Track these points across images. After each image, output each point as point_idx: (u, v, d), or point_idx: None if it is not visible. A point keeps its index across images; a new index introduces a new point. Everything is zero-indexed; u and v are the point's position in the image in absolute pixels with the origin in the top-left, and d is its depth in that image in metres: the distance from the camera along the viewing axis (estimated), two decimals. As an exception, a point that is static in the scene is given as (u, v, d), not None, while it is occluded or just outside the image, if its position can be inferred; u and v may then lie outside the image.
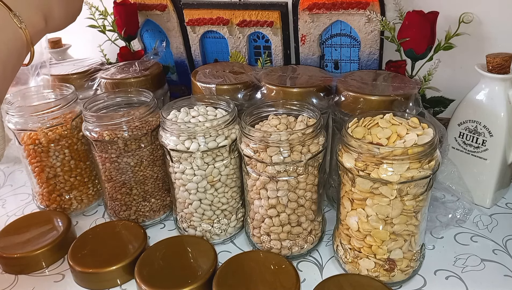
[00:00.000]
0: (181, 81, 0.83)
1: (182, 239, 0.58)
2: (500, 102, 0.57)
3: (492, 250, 0.55)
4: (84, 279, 0.53)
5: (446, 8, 0.61)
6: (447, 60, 0.65)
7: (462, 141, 0.62)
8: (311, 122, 0.52)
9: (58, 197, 0.66)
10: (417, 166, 0.43)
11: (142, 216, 0.63)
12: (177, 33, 0.76)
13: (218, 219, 0.58)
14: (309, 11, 0.64)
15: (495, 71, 0.56)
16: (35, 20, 0.44)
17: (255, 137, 0.49)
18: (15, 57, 0.43)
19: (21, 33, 0.42)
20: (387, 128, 0.47)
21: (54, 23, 0.48)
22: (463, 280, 0.51)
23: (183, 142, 0.52)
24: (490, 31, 0.62)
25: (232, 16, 0.70)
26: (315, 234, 0.56)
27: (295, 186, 0.51)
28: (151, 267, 0.51)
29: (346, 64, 0.69)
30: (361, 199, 0.47)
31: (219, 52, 0.76)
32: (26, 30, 0.43)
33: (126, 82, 0.68)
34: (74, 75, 0.72)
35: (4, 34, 0.41)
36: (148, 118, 0.58)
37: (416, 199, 0.46)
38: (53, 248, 0.57)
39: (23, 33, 0.43)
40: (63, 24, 0.50)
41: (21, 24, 0.42)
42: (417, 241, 0.50)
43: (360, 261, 0.50)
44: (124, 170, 0.60)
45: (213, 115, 0.56)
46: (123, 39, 0.79)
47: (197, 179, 0.54)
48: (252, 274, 0.50)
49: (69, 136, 0.64)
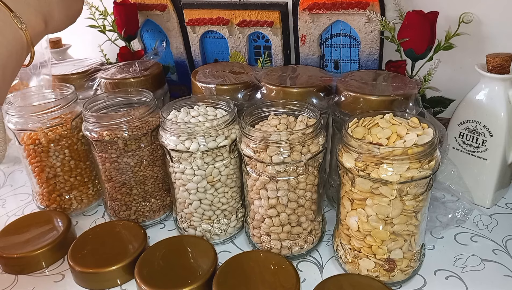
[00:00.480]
0: (181, 81, 0.83)
1: (182, 239, 0.58)
2: (500, 102, 0.57)
3: (492, 250, 0.55)
4: (84, 279, 0.53)
5: (446, 8, 0.61)
6: (447, 60, 0.65)
7: (462, 141, 0.62)
8: (311, 122, 0.52)
9: (58, 197, 0.66)
10: (417, 166, 0.43)
11: (142, 216, 0.63)
12: (177, 33, 0.76)
13: (218, 219, 0.58)
14: (309, 11, 0.64)
15: (495, 71, 0.56)
16: (35, 21, 0.44)
17: (255, 137, 0.49)
18: (15, 59, 0.43)
19: (21, 35, 0.42)
20: (387, 128, 0.47)
21: (54, 24, 0.48)
22: (463, 280, 0.51)
23: (183, 142, 0.52)
24: (490, 31, 0.62)
25: (232, 16, 0.70)
26: (315, 234, 0.56)
27: (295, 186, 0.51)
28: (151, 267, 0.51)
29: (346, 64, 0.69)
30: (361, 199, 0.47)
31: (219, 52, 0.76)
32: (26, 32, 0.42)
33: (126, 82, 0.68)
34: (74, 75, 0.72)
35: (4, 36, 0.41)
36: (148, 118, 0.58)
37: (416, 199, 0.46)
38: (53, 248, 0.57)
39: (24, 34, 0.42)
40: (63, 26, 0.50)
41: (21, 25, 0.42)
42: (417, 241, 0.50)
43: (360, 261, 0.50)
44: (124, 170, 0.60)
45: (213, 115, 0.56)
46: (123, 39, 0.79)
47: (197, 179, 0.54)
48: (252, 274, 0.50)
49: (69, 136, 0.64)
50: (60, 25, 0.49)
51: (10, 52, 0.41)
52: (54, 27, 0.48)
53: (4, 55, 0.41)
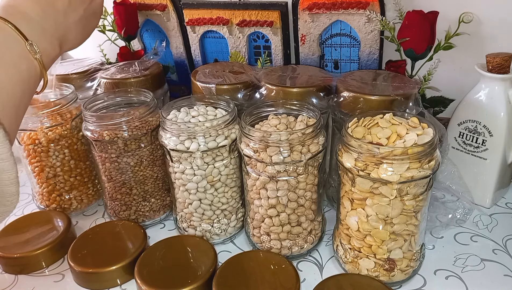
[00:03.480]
0: (181, 81, 0.83)
1: (182, 239, 0.58)
2: (500, 102, 0.57)
3: (492, 250, 0.55)
4: (84, 279, 0.53)
5: (446, 8, 0.61)
6: (447, 60, 0.65)
7: (462, 141, 0.62)
8: (311, 122, 0.52)
9: (58, 197, 0.66)
10: (417, 166, 0.43)
11: (142, 216, 0.63)
12: (177, 33, 0.76)
13: (218, 219, 0.58)
14: (309, 11, 0.64)
15: (495, 71, 0.56)
16: (51, 47, 0.43)
17: (255, 137, 0.49)
18: (28, 93, 0.41)
19: (35, 65, 0.41)
20: (387, 128, 0.47)
21: (69, 45, 0.47)
22: (463, 280, 0.51)
23: (183, 142, 0.52)
24: (490, 31, 0.62)
25: (232, 16, 0.70)
26: (315, 234, 0.56)
27: (295, 186, 0.51)
28: (151, 267, 0.51)
29: (346, 64, 0.69)
30: (361, 199, 0.47)
31: (219, 52, 0.76)
32: (41, 60, 0.41)
33: (126, 82, 0.68)
34: (74, 75, 0.72)
35: (18, 70, 0.39)
36: (148, 118, 0.58)
37: (416, 199, 0.46)
38: (53, 248, 0.57)
39: (38, 64, 0.41)
40: (78, 44, 0.49)
41: (36, 55, 0.40)
42: (417, 241, 0.50)
43: (360, 261, 0.50)
44: (124, 170, 0.60)
45: (213, 115, 0.56)
46: (123, 39, 0.79)
47: (197, 179, 0.54)
48: (252, 274, 0.50)
49: (69, 136, 0.64)
50: (75, 44, 0.48)
51: (23, 89, 0.40)
52: (69, 47, 0.47)
53: (18, 92, 0.39)
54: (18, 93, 0.39)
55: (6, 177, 0.36)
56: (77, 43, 0.49)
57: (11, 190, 0.37)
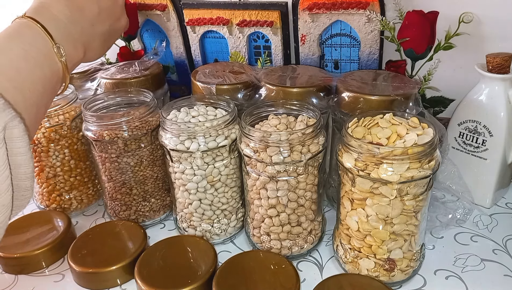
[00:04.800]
0: (181, 81, 0.83)
1: (182, 239, 0.58)
2: (500, 102, 0.57)
3: (492, 250, 0.55)
4: (84, 279, 0.53)
5: (446, 8, 0.61)
6: (447, 60, 0.65)
7: (462, 141, 0.62)
8: (311, 122, 0.52)
9: (58, 197, 0.66)
10: (417, 166, 0.43)
11: (142, 216, 0.63)
12: (177, 33, 0.76)
13: (218, 219, 0.58)
14: (309, 11, 0.64)
15: (495, 71, 0.56)
16: (75, 52, 0.44)
17: (255, 137, 0.49)
18: (50, 93, 0.42)
19: (59, 67, 0.41)
20: (387, 128, 0.47)
21: (91, 54, 0.48)
22: (463, 280, 0.51)
23: (183, 142, 0.52)
24: (490, 31, 0.62)
25: (232, 16, 0.69)
26: (315, 234, 0.56)
27: (295, 186, 0.51)
28: (151, 267, 0.51)
29: (346, 64, 0.69)
30: (361, 199, 0.47)
31: (219, 52, 0.76)
32: (65, 64, 0.41)
33: (126, 82, 0.67)
34: (74, 75, 0.71)
35: (42, 70, 0.40)
36: (148, 118, 0.58)
37: (416, 199, 0.46)
38: (53, 248, 0.57)
39: (62, 67, 0.41)
40: (97, 57, 0.50)
41: (61, 58, 0.41)
42: (417, 241, 0.50)
43: (360, 261, 0.50)
44: (124, 170, 0.60)
45: (213, 115, 0.56)
46: (123, 39, 0.79)
47: (197, 179, 0.54)
48: (252, 274, 0.50)
49: (69, 136, 0.64)
50: (96, 55, 0.49)
51: (45, 88, 0.40)
52: (91, 56, 0.48)
53: (39, 92, 0.40)
54: (39, 91, 0.40)
55: (22, 171, 0.36)
56: (97, 55, 0.50)
57: (26, 184, 0.37)
